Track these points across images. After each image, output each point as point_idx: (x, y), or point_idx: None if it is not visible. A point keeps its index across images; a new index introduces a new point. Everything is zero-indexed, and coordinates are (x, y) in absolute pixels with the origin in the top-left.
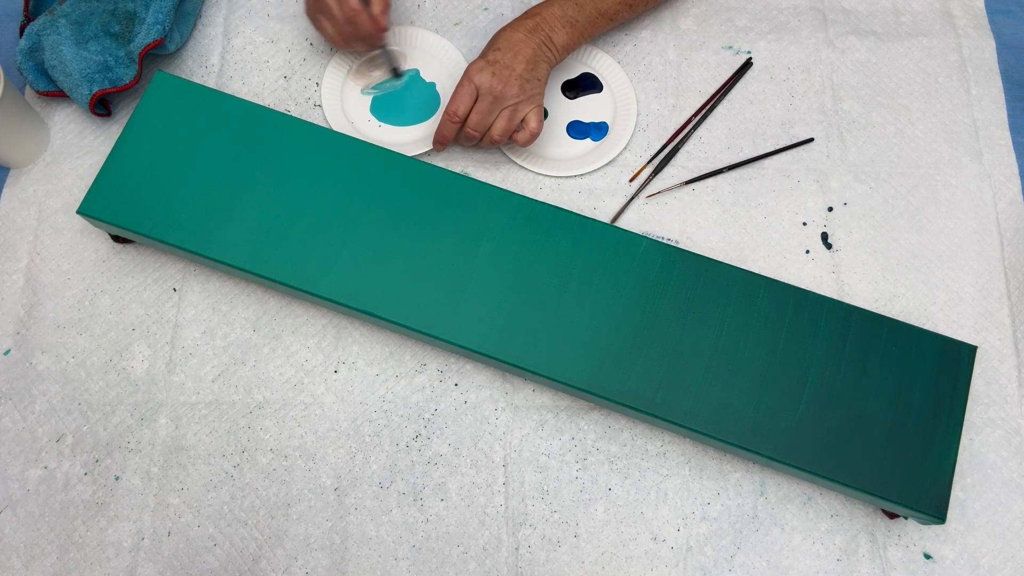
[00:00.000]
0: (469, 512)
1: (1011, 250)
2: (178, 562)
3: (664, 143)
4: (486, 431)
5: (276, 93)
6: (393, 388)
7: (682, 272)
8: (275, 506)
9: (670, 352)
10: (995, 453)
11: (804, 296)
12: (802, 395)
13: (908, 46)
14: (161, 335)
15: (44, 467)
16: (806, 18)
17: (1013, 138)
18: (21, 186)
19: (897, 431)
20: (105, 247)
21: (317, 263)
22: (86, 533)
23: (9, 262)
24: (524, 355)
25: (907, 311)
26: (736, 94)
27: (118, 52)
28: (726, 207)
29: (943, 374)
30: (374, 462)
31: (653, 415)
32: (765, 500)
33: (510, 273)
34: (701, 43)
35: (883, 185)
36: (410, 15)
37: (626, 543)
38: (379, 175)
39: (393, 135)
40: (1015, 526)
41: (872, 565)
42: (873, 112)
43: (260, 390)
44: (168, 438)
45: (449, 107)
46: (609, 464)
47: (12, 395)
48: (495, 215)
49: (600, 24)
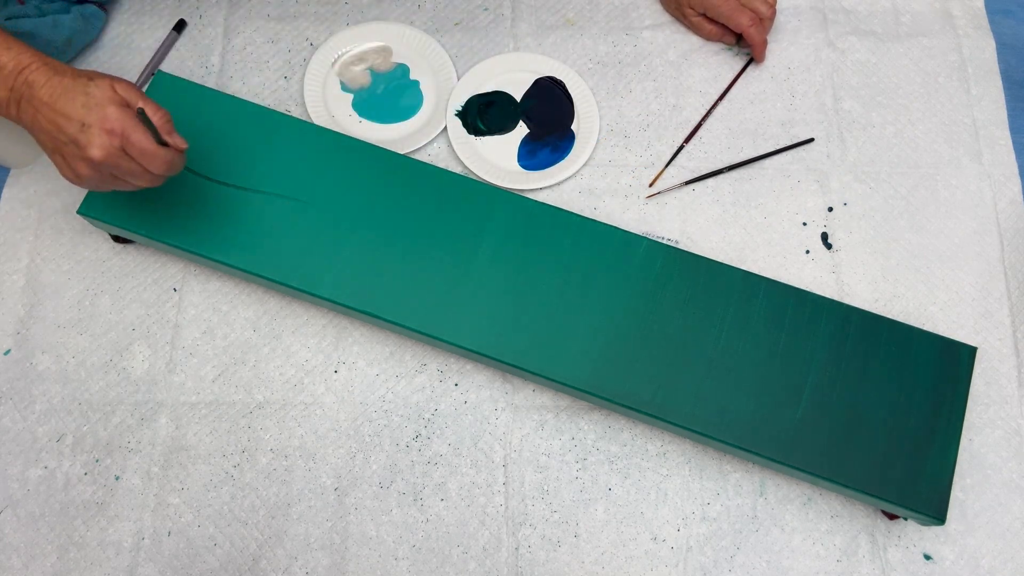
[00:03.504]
0: (469, 512)
1: (1011, 250)
2: (178, 562)
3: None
4: (486, 431)
5: (276, 93)
6: (393, 388)
7: (682, 272)
8: (275, 506)
9: (670, 352)
10: (995, 453)
11: (804, 297)
12: (802, 395)
13: (908, 46)
14: (161, 335)
15: (44, 467)
16: (806, 18)
17: (1013, 138)
18: (21, 186)
19: (897, 432)
20: (105, 247)
21: (317, 263)
22: (86, 533)
23: (9, 262)
24: (524, 355)
25: (907, 311)
26: (736, 94)
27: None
28: (726, 207)
29: (943, 375)
30: (374, 462)
31: (653, 415)
32: (765, 500)
33: (510, 273)
34: (701, 43)
35: (883, 185)
36: (410, 15)
37: (626, 543)
38: (379, 175)
39: (375, 132)
40: (1015, 526)
41: (872, 566)
42: (873, 112)
43: (260, 390)
44: (168, 438)
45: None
46: (609, 464)
47: (12, 395)
48: (495, 215)
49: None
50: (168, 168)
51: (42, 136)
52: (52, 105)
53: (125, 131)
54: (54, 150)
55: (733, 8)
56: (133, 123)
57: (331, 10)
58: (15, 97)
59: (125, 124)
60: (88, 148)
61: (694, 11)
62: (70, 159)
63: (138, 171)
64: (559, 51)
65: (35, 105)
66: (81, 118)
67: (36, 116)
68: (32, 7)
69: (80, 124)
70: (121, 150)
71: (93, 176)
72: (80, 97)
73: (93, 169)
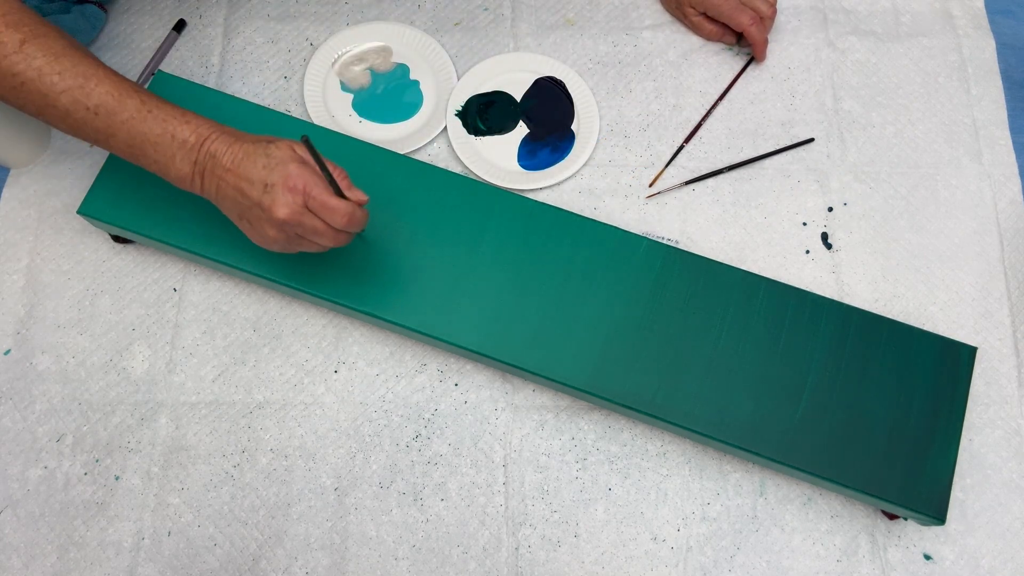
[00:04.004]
0: (469, 512)
1: (1011, 250)
2: (178, 562)
3: (677, 143)
4: (486, 431)
5: (276, 93)
6: (393, 388)
7: (682, 272)
8: (275, 506)
9: (670, 352)
10: (995, 453)
11: (804, 297)
12: (802, 395)
13: (908, 46)
14: (161, 335)
15: (44, 467)
16: (806, 18)
17: (1013, 138)
18: (21, 186)
19: (897, 432)
20: (105, 247)
21: (317, 263)
22: (86, 533)
23: (9, 262)
24: (524, 355)
25: (907, 311)
26: (736, 94)
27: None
28: (726, 207)
29: (943, 375)
30: (374, 462)
31: (653, 415)
32: (765, 500)
33: (510, 273)
34: (701, 43)
35: (883, 185)
36: (410, 15)
37: (626, 543)
38: (379, 175)
39: (375, 132)
40: (1015, 526)
41: (872, 566)
42: (873, 112)
43: (260, 390)
44: (168, 438)
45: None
46: (609, 464)
47: (12, 395)
48: (495, 215)
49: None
50: (349, 222)
51: (227, 203)
52: (235, 171)
53: (307, 187)
54: (240, 216)
55: (734, 7)
56: (314, 179)
57: (331, 10)
58: (199, 170)
59: (306, 180)
60: (273, 208)
61: (695, 10)
62: (256, 223)
63: (321, 228)
64: (559, 51)
65: (218, 174)
66: (264, 179)
67: (220, 184)
68: (32, 7)
69: (263, 185)
70: (304, 207)
71: (280, 238)
72: (261, 159)
73: (279, 230)
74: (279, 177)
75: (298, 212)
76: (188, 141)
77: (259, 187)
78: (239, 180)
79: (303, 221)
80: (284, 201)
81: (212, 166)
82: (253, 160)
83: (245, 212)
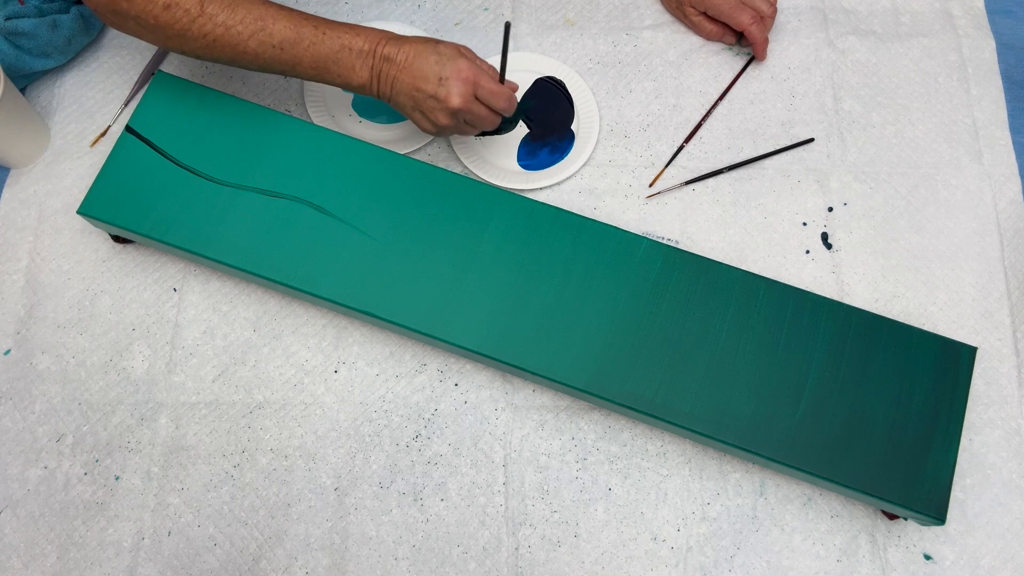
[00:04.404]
0: (469, 512)
1: (1011, 250)
2: (178, 562)
3: (677, 143)
4: (486, 431)
5: (276, 93)
6: (393, 388)
7: (682, 272)
8: (275, 506)
9: (670, 352)
10: (995, 453)
11: (804, 297)
12: (802, 396)
13: (908, 46)
14: (161, 335)
15: (44, 467)
16: (806, 18)
17: (1013, 138)
18: (21, 186)
19: (897, 432)
20: (105, 247)
21: (317, 263)
22: (86, 533)
23: (9, 262)
24: (524, 355)
25: (907, 311)
26: (736, 94)
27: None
28: (726, 207)
29: (943, 375)
30: (374, 462)
31: (653, 415)
32: (765, 500)
33: (510, 273)
34: (701, 43)
35: (883, 185)
36: (410, 15)
37: (626, 543)
38: (379, 175)
39: (375, 132)
40: (1015, 527)
41: (872, 566)
42: (873, 112)
43: (260, 390)
44: (168, 438)
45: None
46: (609, 464)
47: (12, 395)
48: (495, 215)
49: None
50: (510, 104)
51: (401, 98)
52: (409, 69)
53: (476, 77)
54: (414, 108)
55: (734, 6)
56: (479, 70)
57: (331, 10)
58: (375, 74)
59: (475, 72)
60: (449, 98)
61: (695, 10)
62: (430, 112)
63: (485, 113)
64: (559, 51)
65: (393, 74)
66: (438, 73)
67: (395, 83)
68: (32, 7)
69: (438, 79)
70: (473, 96)
71: (450, 124)
72: (432, 56)
73: (451, 117)
74: (452, 71)
75: (469, 100)
76: (364, 50)
77: (434, 81)
78: (414, 77)
79: (472, 108)
80: (458, 91)
81: (387, 68)
82: (425, 57)
83: (420, 103)
